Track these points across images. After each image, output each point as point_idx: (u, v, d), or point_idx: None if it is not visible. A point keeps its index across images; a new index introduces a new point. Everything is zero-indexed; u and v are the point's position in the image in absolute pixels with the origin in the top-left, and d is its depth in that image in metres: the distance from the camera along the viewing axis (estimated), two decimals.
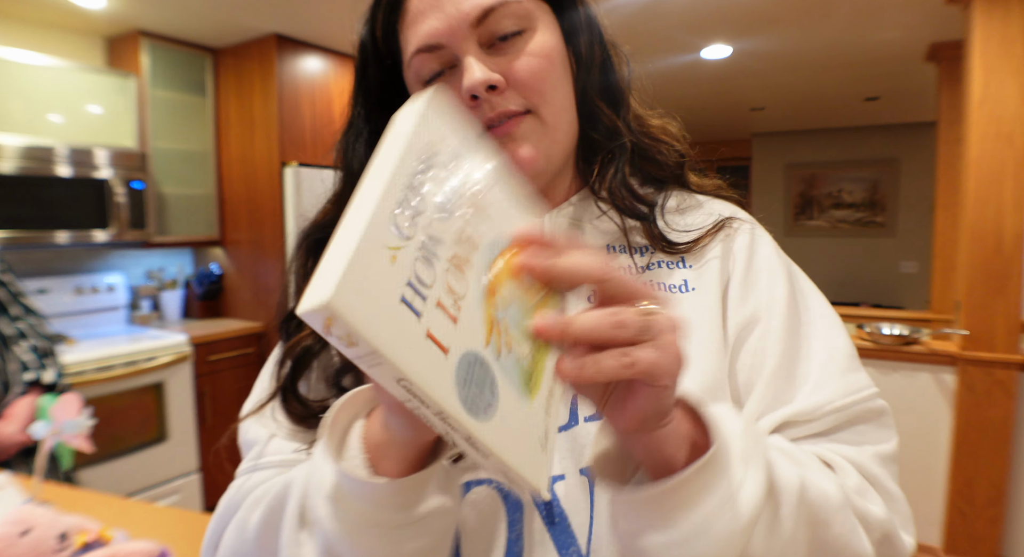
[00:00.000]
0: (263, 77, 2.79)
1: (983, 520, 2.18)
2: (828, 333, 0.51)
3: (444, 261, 0.29)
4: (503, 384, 0.30)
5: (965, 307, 2.18)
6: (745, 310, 0.51)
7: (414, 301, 0.26)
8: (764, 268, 0.53)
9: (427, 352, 0.26)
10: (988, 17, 2.08)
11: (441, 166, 0.31)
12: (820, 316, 0.52)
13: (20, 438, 1.26)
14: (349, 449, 0.39)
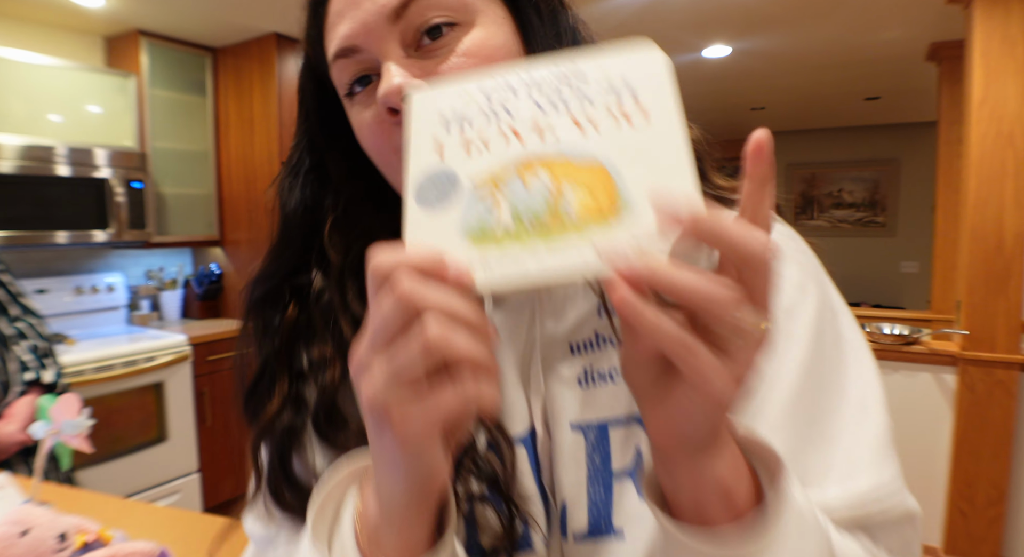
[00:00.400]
0: (263, 77, 2.78)
1: (984, 520, 2.18)
2: (864, 401, 0.42)
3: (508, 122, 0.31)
4: (462, 201, 0.30)
5: (966, 307, 2.17)
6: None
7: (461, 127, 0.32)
8: (783, 313, 0.41)
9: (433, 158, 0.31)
10: (989, 17, 2.08)
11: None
12: (855, 381, 0.42)
13: (20, 438, 1.26)
14: (342, 534, 0.34)
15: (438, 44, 0.38)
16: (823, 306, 0.43)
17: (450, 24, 0.38)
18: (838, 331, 0.42)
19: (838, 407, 0.41)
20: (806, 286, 0.43)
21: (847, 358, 0.42)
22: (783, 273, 0.41)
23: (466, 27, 0.39)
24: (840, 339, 0.42)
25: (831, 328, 0.42)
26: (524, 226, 0.28)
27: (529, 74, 0.32)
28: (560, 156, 0.29)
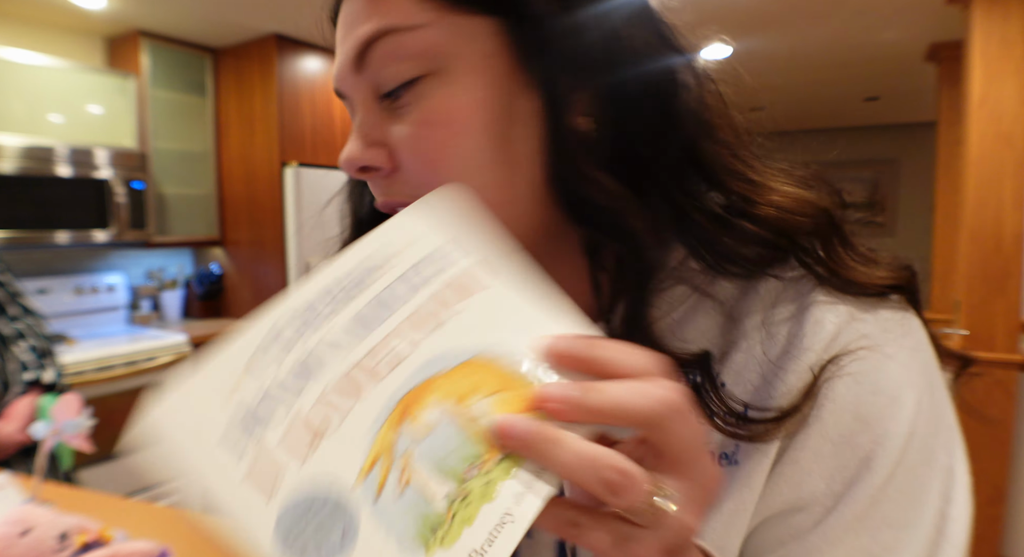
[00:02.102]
0: (263, 77, 2.79)
1: (983, 520, 2.18)
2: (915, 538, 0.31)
3: (326, 383, 0.24)
4: (370, 530, 0.22)
5: (965, 307, 2.18)
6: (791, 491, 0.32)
7: (242, 439, 0.23)
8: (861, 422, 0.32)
9: (244, 495, 0.22)
10: (988, 17, 2.08)
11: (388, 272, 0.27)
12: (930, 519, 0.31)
13: (20, 438, 1.25)
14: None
15: (401, 101, 0.31)
16: (919, 418, 0.31)
17: (412, 81, 0.31)
18: (931, 453, 0.31)
19: (894, 546, 0.31)
20: (902, 392, 0.31)
21: (930, 486, 0.31)
22: (875, 376, 0.32)
23: (433, 78, 0.30)
24: (930, 463, 0.31)
25: (922, 447, 0.31)
26: (462, 480, 0.23)
27: (328, 292, 0.27)
28: (429, 381, 0.24)
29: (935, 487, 0.31)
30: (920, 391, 0.32)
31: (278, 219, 2.79)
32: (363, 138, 0.32)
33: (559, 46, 0.30)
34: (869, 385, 0.31)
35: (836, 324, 0.33)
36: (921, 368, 0.33)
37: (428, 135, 0.30)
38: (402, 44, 0.30)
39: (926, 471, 0.31)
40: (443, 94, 0.30)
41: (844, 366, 0.32)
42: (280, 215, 2.79)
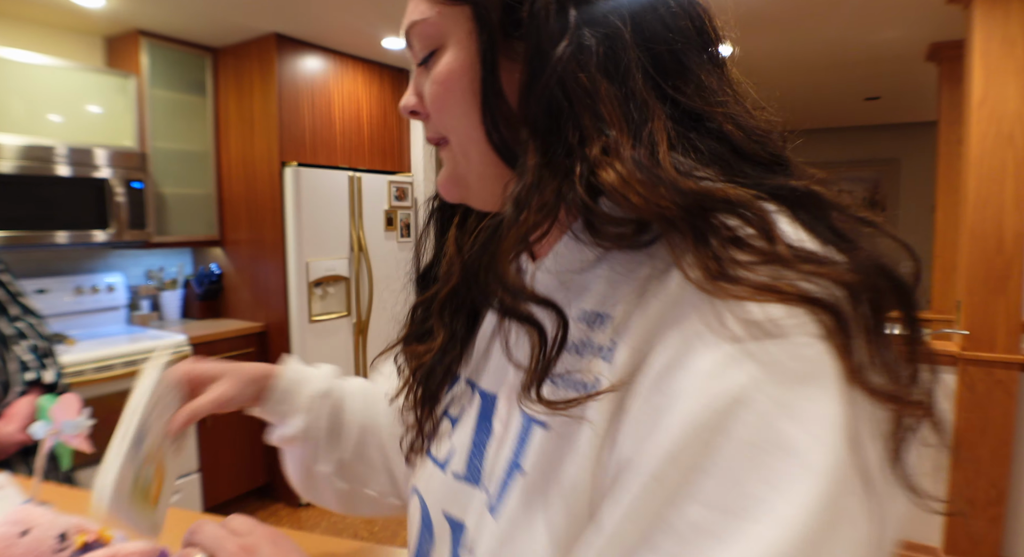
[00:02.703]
0: (263, 77, 2.78)
1: (983, 520, 2.18)
2: (705, 528, 0.28)
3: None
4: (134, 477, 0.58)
5: (965, 307, 2.17)
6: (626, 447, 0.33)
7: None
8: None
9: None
10: (988, 17, 2.08)
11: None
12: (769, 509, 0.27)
13: (20, 438, 1.25)
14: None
15: (427, 68, 0.44)
16: (753, 398, 0.29)
17: (431, 53, 0.43)
18: (767, 442, 0.28)
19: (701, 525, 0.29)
20: (736, 363, 0.29)
21: (756, 477, 0.28)
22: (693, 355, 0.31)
23: (443, 50, 0.42)
24: (764, 453, 0.28)
25: (754, 431, 0.28)
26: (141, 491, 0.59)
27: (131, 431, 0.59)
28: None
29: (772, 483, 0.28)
30: (747, 375, 0.29)
31: (278, 219, 2.79)
32: (412, 90, 0.46)
33: (499, 27, 0.39)
34: (687, 355, 0.31)
35: (667, 303, 0.33)
36: (768, 364, 0.29)
37: (435, 89, 0.42)
38: (420, 31, 0.43)
39: (757, 462, 0.28)
40: (444, 61, 0.42)
41: (666, 346, 0.32)
42: (280, 215, 2.79)
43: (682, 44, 0.38)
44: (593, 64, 0.35)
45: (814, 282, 0.30)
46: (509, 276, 0.37)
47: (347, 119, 3.11)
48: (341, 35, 2.82)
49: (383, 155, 3.32)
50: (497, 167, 0.41)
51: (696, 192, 0.33)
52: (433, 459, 0.50)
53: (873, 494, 0.30)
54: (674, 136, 0.36)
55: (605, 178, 0.34)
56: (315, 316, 2.85)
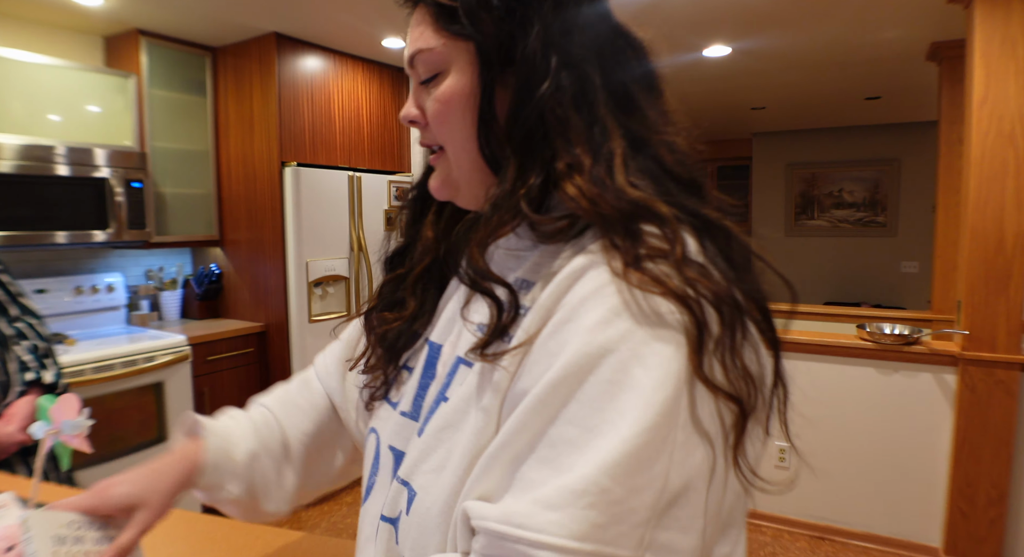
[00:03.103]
0: (262, 77, 2.78)
1: (984, 521, 2.18)
2: (568, 439, 0.38)
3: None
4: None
5: (966, 307, 2.17)
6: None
7: None
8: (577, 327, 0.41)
9: None
10: (989, 16, 2.08)
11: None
12: (598, 422, 0.38)
13: (19, 438, 1.25)
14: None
15: (429, 86, 0.52)
16: (618, 349, 0.38)
17: (434, 76, 0.51)
18: (622, 381, 0.38)
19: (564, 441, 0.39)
20: (612, 323, 0.39)
21: (610, 405, 0.38)
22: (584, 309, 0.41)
23: (443, 76, 0.51)
24: (618, 388, 0.38)
25: (614, 372, 0.38)
26: None
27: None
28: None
29: (624, 409, 0.37)
30: (619, 333, 0.39)
31: (277, 219, 2.79)
32: (413, 103, 0.54)
33: (494, 56, 0.48)
34: (578, 307, 0.41)
35: (574, 271, 0.43)
36: (646, 320, 0.39)
37: (438, 107, 0.51)
38: (427, 58, 0.51)
39: (613, 395, 0.38)
40: (447, 84, 0.50)
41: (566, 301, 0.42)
42: (279, 215, 2.79)
43: (634, 83, 0.49)
44: (567, 100, 0.46)
45: (693, 287, 0.39)
46: (480, 261, 0.47)
47: (347, 119, 3.11)
48: (341, 35, 2.82)
49: (383, 155, 3.32)
50: (484, 174, 0.51)
51: (633, 202, 0.43)
52: (389, 402, 0.60)
53: (705, 437, 0.39)
54: (627, 155, 0.45)
55: (566, 188, 0.44)
56: (315, 316, 2.85)
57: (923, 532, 2.36)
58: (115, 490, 0.59)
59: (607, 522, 0.36)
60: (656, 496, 0.37)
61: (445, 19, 0.49)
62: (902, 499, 2.39)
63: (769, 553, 2.44)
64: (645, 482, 0.36)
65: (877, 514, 2.45)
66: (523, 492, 0.39)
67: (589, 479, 0.36)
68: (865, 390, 2.43)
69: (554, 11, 0.47)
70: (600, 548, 0.36)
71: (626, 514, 0.36)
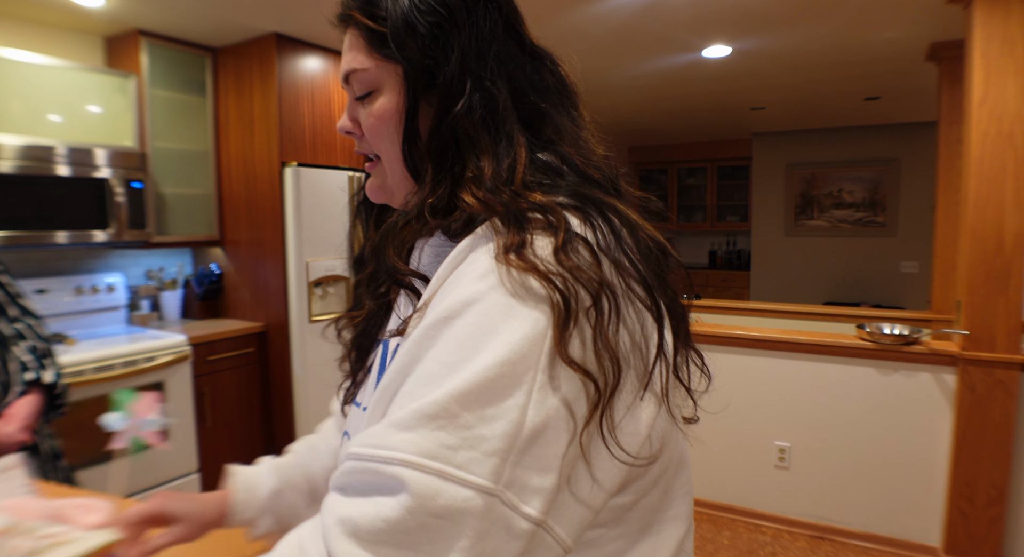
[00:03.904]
0: (263, 77, 2.78)
1: (984, 520, 2.18)
2: (429, 373, 0.43)
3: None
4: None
5: (966, 307, 2.17)
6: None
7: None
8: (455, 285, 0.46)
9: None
10: (989, 17, 2.08)
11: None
12: (444, 355, 0.43)
13: (20, 438, 1.25)
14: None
15: (363, 102, 0.58)
16: (484, 298, 0.43)
17: (368, 93, 0.57)
18: (484, 324, 0.42)
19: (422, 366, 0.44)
20: (483, 278, 0.44)
21: (470, 344, 0.42)
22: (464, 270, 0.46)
23: (376, 94, 0.56)
24: (480, 330, 0.42)
25: (478, 316, 0.43)
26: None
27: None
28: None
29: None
30: (487, 287, 0.43)
31: (277, 219, 2.79)
32: (348, 116, 0.60)
33: (418, 79, 0.53)
34: (470, 267, 0.46)
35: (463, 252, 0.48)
36: (489, 286, 0.43)
37: (371, 120, 0.57)
38: (361, 77, 0.56)
39: (474, 336, 0.42)
40: (380, 102, 0.56)
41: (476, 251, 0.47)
42: (279, 215, 2.79)
43: (544, 98, 0.55)
44: (477, 119, 0.51)
45: (565, 268, 0.43)
46: (392, 259, 0.53)
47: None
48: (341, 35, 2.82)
49: None
50: (410, 183, 0.57)
51: (519, 195, 0.48)
52: (356, 404, 0.64)
53: (562, 391, 0.41)
54: (529, 161, 0.51)
55: (463, 195, 0.50)
56: (315, 316, 2.85)
57: (923, 532, 2.36)
58: (175, 504, 0.70)
59: (456, 445, 0.39)
60: (510, 429, 0.39)
61: (376, 43, 0.54)
62: (902, 499, 2.39)
63: (769, 553, 2.44)
64: (497, 413, 0.39)
65: (877, 514, 2.45)
66: (383, 418, 0.44)
67: (439, 404, 0.40)
68: (865, 390, 2.43)
69: (471, 38, 0.52)
70: (448, 469, 0.39)
71: (476, 441, 0.39)
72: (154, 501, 0.69)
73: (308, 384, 2.81)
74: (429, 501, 0.38)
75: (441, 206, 0.52)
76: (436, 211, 0.52)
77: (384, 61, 0.54)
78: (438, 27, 0.52)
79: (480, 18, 0.53)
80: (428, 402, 0.40)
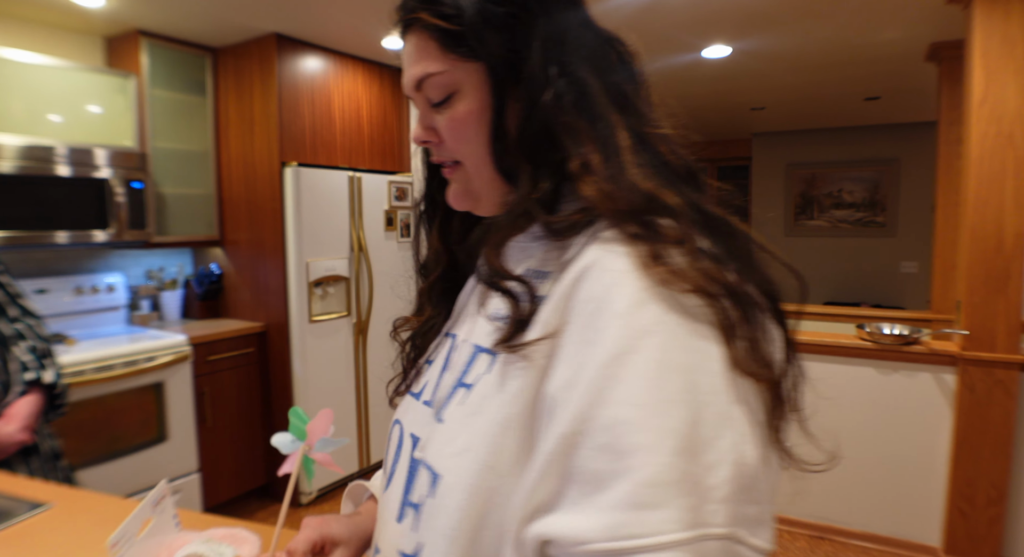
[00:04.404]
0: (263, 77, 2.78)
1: (984, 520, 2.18)
2: (625, 419, 0.38)
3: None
4: None
5: (966, 307, 2.17)
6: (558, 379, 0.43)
7: None
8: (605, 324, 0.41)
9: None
10: (988, 17, 2.08)
11: None
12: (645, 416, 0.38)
13: (20, 438, 1.26)
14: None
15: (441, 107, 0.55)
16: (656, 331, 0.40)
17: (446, 99, 0.53)
18: (665, 361, 0.39)
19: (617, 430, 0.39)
20: (645, 307, 0.40)
21: (657, 388, 0.39)
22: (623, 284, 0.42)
23: (456, 97, 0.53)
24: (664, 369, 0.39)
25: (657, 352, 0.40)
26: None
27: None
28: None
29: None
30: (658, 313, 0.40)
31: (278, 219, 2.79)
32: (423, 125, 0.57)
33: (504, 74, 0.51)
34: (612, 295, 0.41)
35: (589, 260, 0.45)
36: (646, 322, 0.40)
37: (453, 125, 0.54)
38: (438, 81, 0.53)
39: (661, 374, 0.38)
40: (460, 104, 0.53)
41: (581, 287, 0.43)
42: (280, 215, 2.79)
43: (624, 83, 0.52)
44: (569, 104, 0.48)
45: (712, 281, 0.41)
46: (496, 262, 0.50)
47: (347, 119, 3.11)
48: (341, 35, 2.82)
49: (383, 155, 3.33)
50: (500, 183, 0.54)
51: (646, 195, 0.45)
52: (412, 394, 0.63)
53: (755, 416, 0.40)
54: (633, 149, 0.47)
55: (582, 188, 0.46)
56: (315, 316, 2.85)
57: (923, 532, 2.36)
58: (332, 527, 0.67)
59: (699, 503, 0.36)
60: (733, 471, 0.37)
61: (450, 43, 0.51)
62: (902, 499, 2.39)
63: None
64: (715, 459, 0.37)
65: (877, 514, 2.45)
66: (595, 492, 0.38)
67: (668, 466, 0.36)
68: (865, 390, 2.43)
69: (547, 24, 0.50)
70: (704, 530, 0.36)
71: (708, 491, 0.37)
72: (313, 528, 0.65)
73: (308, 384, 2.81)
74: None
75: (546, 201, 0.50)
76: (542, 207, 0.49)
77: (461, 61, 0.52)
78: (513, 17, 0.50)
79: (550, 3, 0.51)
80: (655, 470, 0.36)
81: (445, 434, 0.51)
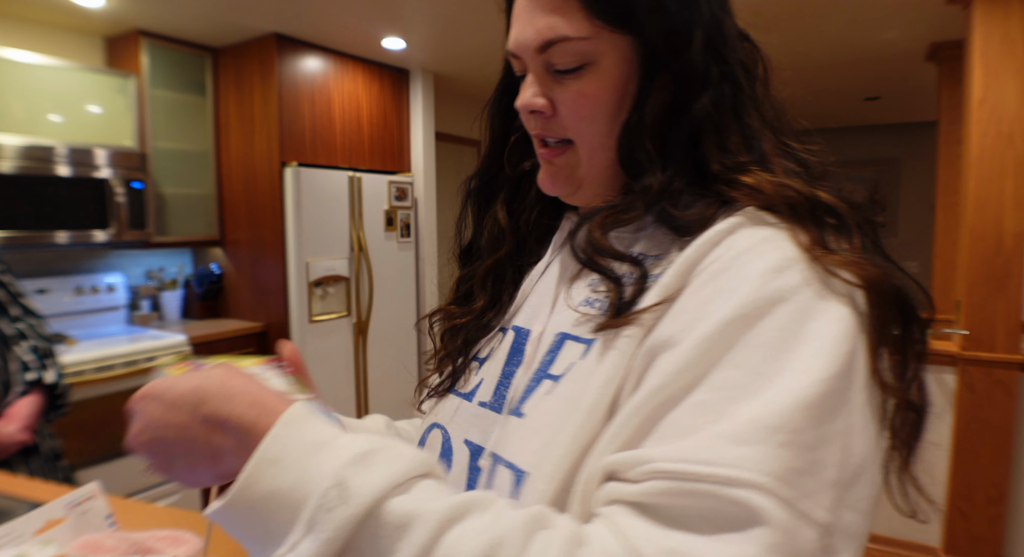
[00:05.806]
0: (263, 77, 2.78)
1: (983, 520, 2.18)
2: (735, 382, 0.35)
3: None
4: None
5: (965, 307, 2.18)
6: (665, 331, 0.40)
7: None
8: (733, 279, 0.39)
9: None
10: (988, 17, 2.08)
11: None
12: (775, 369, 0.35)
13: (20, 438, 1.25)
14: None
15: (568, 76, 0.48)
16: (792, 298, 0.37)
17: (576, 68, 0.47)
18: (798, 330, 0.36)
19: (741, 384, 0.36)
20: (785, 272, 0.38)
21: (786, 353, 0.36)
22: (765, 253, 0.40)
23: (590, 68, 0.47)
24: (794, 337, 0.36)
25: (789, 321, 0.37)
26: None
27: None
28: None
29: (792, 349, 0.36)
30: (800, 280, 0.38)
31: (278, 219, 2.79)
32: (539, 91, 0.49)
33: (655, 63, 0.46)
34: (750, 258, 0.39)
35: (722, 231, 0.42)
36: (800, 282, 0.38)
37: (581, 100, 0.47)
38: (572, 47, 0.46)
39: (789, 342, 0.36)
40: (593, 78, 0.47)
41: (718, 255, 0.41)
42: (280, 215, 2.79)
43: (763, 85, 0.51)
44: (727, 109, 0.46)
45: (863, 270, 0.39)
46: (602, 240, 0.47)
47: (347, 119, 3.11)
48: (341, 35, 2.82)
49: (383, 155, 3.33)
50: (615, 172, 0.50)
51: (807, 196, 0.43)
52: (459, 394, 0.57)
53: (876, 418, 0.37)
54: (778, 156, 0.46)
55: (743, 178, 0.44)
56: (315, 316, 2.85)
57: (923, 532, 2.36)
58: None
59: (803, 468, 0.32)
60: (842, 457, 0.33)
61: (600, 8, 0.45)
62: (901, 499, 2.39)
63: None
64: (832, 434, 0.33)
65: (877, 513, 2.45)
66: (684, 436, 0.34)
67: (784, 414, 0.32)
68: None
69: (711, 21, 0.47)
70: (798, 498, 0.31)
71: (817, 466, 0.32)
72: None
73: None
74: (792, 540, 0.31)
75: (676, 199, 0.46)
76: (676, 205, 0.45)
77: (610, 31, 0.45)
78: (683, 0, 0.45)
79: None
80: (768, 412, 0.33)
81: (527, 429, 0.46)
